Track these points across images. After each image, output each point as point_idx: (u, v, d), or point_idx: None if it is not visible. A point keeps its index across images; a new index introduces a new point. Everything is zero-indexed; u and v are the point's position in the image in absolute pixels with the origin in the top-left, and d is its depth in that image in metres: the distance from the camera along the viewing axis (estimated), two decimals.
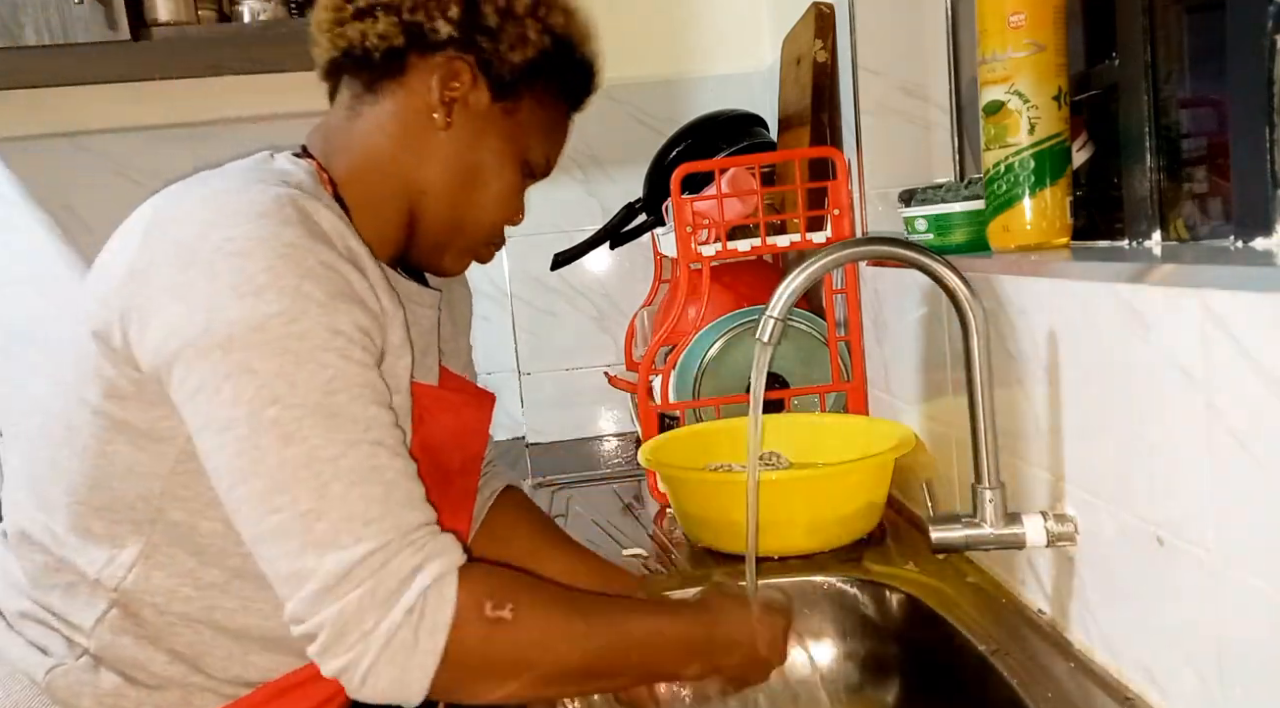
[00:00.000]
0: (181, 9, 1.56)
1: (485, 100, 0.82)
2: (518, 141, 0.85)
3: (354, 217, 0.81)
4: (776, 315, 0.84)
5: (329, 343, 0.68)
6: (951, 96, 1.32)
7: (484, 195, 0.85)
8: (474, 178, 0.84)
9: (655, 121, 1.92)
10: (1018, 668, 0.81)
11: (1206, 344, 0.61)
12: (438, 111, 0.81)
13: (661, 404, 1.43)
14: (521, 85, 0.83)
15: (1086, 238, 1.00)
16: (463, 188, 0.84)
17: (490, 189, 0.85)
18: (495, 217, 0.87)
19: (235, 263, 0.68)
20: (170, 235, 0.71)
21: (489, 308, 2.04)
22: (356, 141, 0.83)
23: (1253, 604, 0.60)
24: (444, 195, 0.84)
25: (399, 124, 0.82)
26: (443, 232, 0.86)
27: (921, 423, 1.16)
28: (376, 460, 0.69)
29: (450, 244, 0.87)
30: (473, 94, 0.82)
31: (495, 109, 0.83)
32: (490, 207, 0.86)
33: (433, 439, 0.86)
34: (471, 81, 0.81)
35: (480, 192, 0.85)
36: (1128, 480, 0.73)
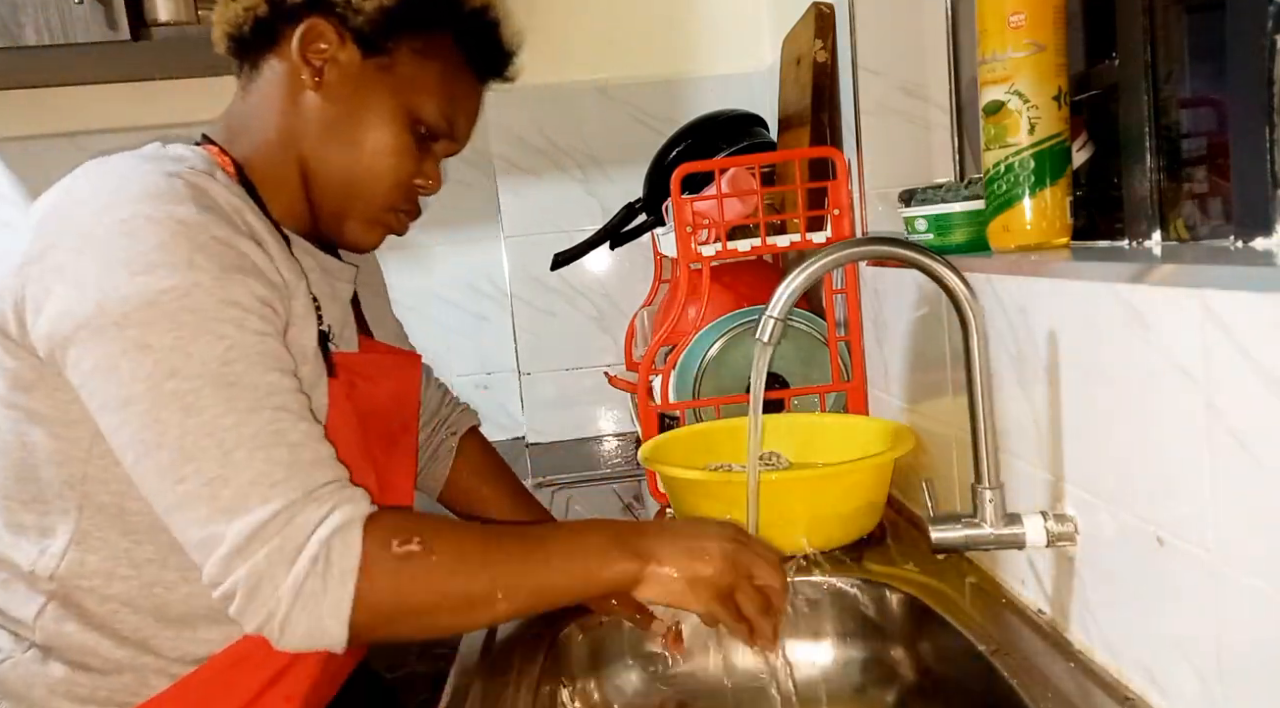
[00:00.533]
0: (181, 9, 1.56)
1: (356, 57, 0.82)
2: (399, 96, 0.83)
3: (262, 195, 0.83)
4: (776, 315, 0.84)
5: (223, 314, 0.69)
6: (951, 96, 1.32)
7: (369, 154, 0.83)
8: (355, 137, 0.83)
9: (655, 121, 1.92)
10: (1018, 668, 0.81)
11: (1206, 344, 0.61)
12: (305, 73, 0.82)
13: (661, 404, 1.43)
14: (389, 38, 0.82)
15: (1086, 238, 1.00)
16: (346, 148, 0.83)
17: (374, 147, 0.83)
18: (387, 177, 0.84)
19: (126, 242, 0.69)
20: (62, 221, 0.72)
21: (489, 308, 2.04)
22: (250, 120, 0.85)
23: (1253, 604, 0.60)
24: (329, 157, 0.83)
25: (279, 92, 0.83)
26: (337, 197, 0.85)
27: (921, 423, 1.16)
28: (279, 425, 0.70)
29: (349, 211, 0.86)
30: (342, 53, 0.82)
31: (368, 66, 0.82)
32: (379, 166, 0.84)
33: (369, 404, 0.88)
34: (338, 40, 0.81)
35: (364, 151, 0.83)
36: (1128, 480, 0.73)
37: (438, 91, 0.85)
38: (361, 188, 0.84)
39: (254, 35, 0.83)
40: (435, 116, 0.85)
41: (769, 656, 0.87)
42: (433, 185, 0.89)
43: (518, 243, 1.97)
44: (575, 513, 1.40)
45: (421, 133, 0.85)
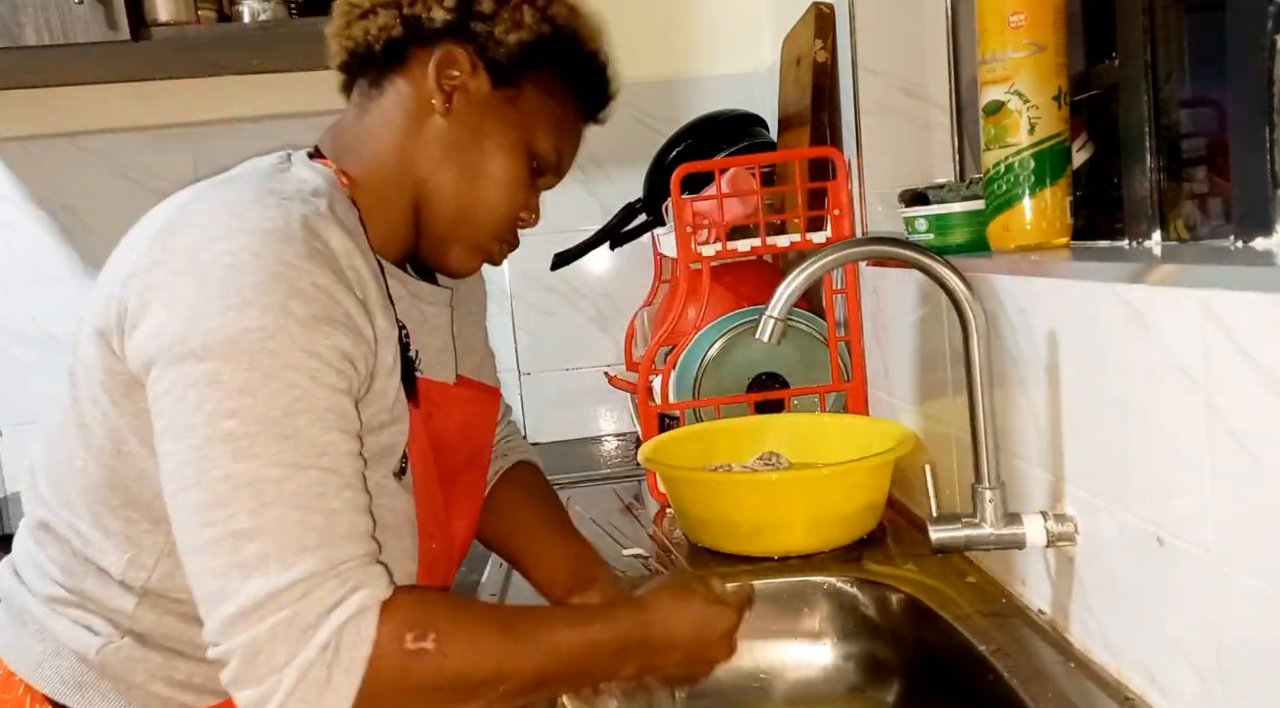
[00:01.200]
0: (181, 9, 1.56)
1: (485, 87, 0.82)
2: (521, 129, 0.83)
3: (365, 217, 0.81)
4: (776, 315, 0.84)
5: (301, 363, 0.67)
6: (951, 96, 1.32)
7: (487, 184, 0.83)
8: (476, 165, 0.83)
9: (655, 121, 1.92)
10: (1018, 668, 0.81)
11: (1206, 344, 0.61)
12: (436, 98, 0.81)
13: (661, 404, 1.43)
14: (520, 71, 0.82)
15: (1086, 238, 1.00)
16: (464, 175, 0.83)
17: (493, 177, 0.83)
18: (500, 207, 0.84)
19: (227, 275, 0.68)
20: (176, 242, 0.71)
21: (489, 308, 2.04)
22: (365, 138, 0.84)
23: (1253, 604, 0.60)
24: (446, 183, 0.83)
25: (402, 114, 0.82)
26: (447, 224, 0.84)
27: (921, 423, 1.16)
28: (324, 488, 0.67)
29: (456, 238, 0.85)
30: (472, 81, 0.81)
31: (496, 96, 0.82)
32: (494, 196, 0.84)
33: (440, 436, 0.87)
34: (470, 68, 0.81)
35: (483, 180, 0.83)
36: (1128, 480, 0.73)
37: (554, 127, 0.86)
38: (474, 215, 0.84)
39: (383, 54, 0.82)
40: (549, 151, 0.86)
41: None
42: (534, 219, 0.89)
43: None
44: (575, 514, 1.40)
45: (534, 166, 0.86)
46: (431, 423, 0.85)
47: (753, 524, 1.11)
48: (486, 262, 0.89)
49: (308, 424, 0.67)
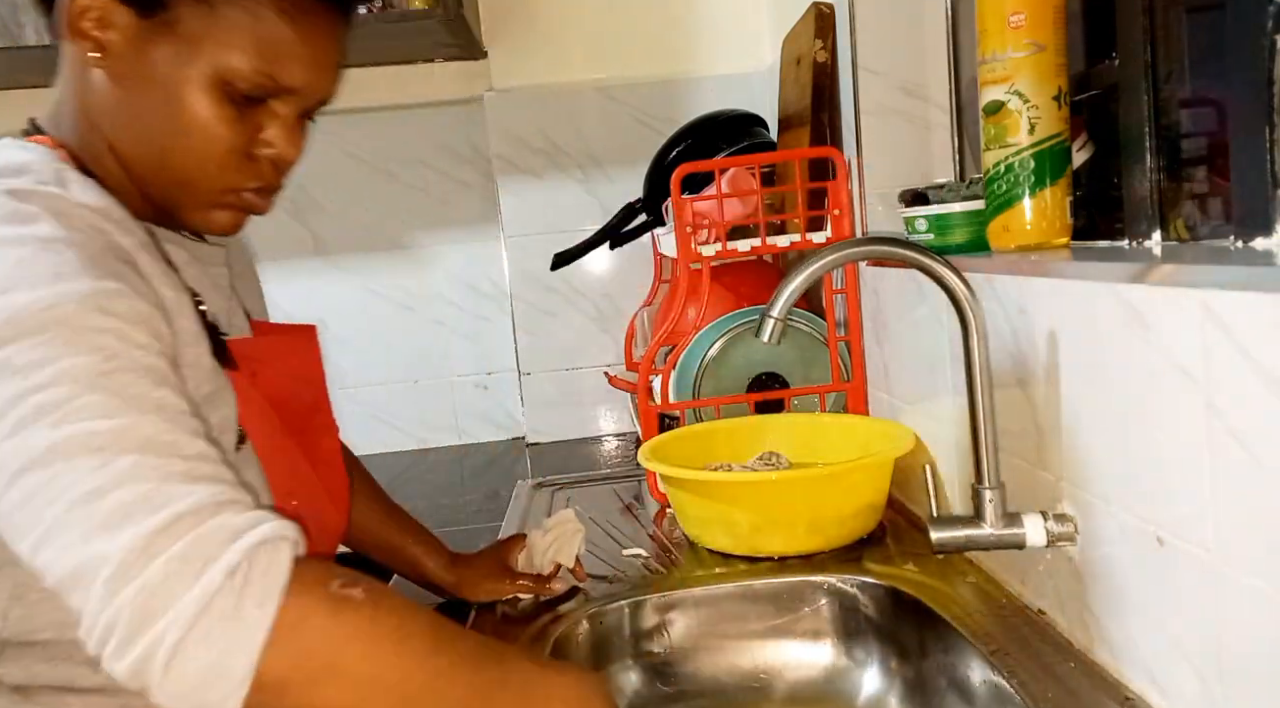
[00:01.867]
0: None
1: (131, 19, 0.69)
2: (194, 59, 0.69)
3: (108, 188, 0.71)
4: (776, 315, 0.84)
5: (102, 324, 0.58)
6: (951, 96, 1.32)
7: (178, 133, 0.70)
8: (157, 115, 0.70)
9: (655, 121, 1.92)
10: (1018, 668, 0.81)
11: (1206, 344, 0.61)
12: (83, 46, 0.69)
13: (661, 404, 1.43)
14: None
15: (1086, 238, 1.00)
16: (150, 130, 0.71)
17: (181, 124, 0.70)
18: (208, 155, 0.71)
19: None
20: None
21: (489, 308, 2.04)
22: (61, 106, 0.74)
23: (1253, 604, 0.60)
24: (135, 142, 0.71)
25: (70, 73, 0.72)
26: (160, 186, 0.73)
27: (921, 423, 1.16)
28: (172, 435, 0.56)
29: (179, 199, 0.73)
30: (112, 17, 0.69)
31: (147, 27, 0.69)
32: (193, 145, 0.70)
33: (274, 388, 0.79)
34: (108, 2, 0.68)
35: (172, 130, 0.70)
36: (1128, 480, 0.73)
37: (245, 43, 0.69)
38: (182, 172, 0.72)
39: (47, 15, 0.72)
40: (249, 75, 0.70)
41: None
42: (281, 151, 0.73)
43: (518, 243, 1.97)
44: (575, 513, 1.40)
45: (240, 94, 0.70)
46: (260, 380, 0.77)
47: (753, 524, 1.11)
48: (247, 213, 0.77)
49: (132, 381, 0.57)
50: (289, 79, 0.72)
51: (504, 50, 1.92)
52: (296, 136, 0.74)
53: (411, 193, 2.00)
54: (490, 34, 1.91)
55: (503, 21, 1.92)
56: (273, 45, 0.70)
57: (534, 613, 1.03)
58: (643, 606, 1.05)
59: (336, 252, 2.00)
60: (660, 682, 1.03)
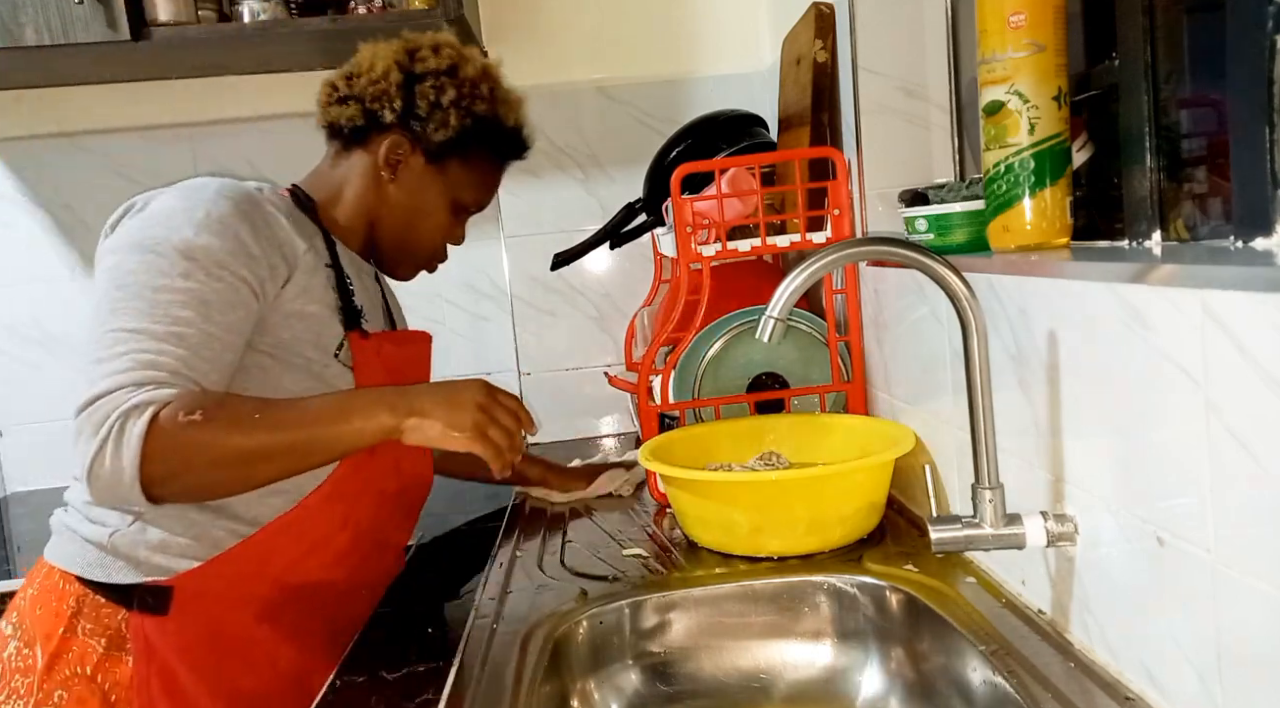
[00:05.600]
0: (181, 9, 1.56)
1: (420, 163, 1.18)
2: (448, 191, 1.20)
3: (334, 233, 1.17)
4: (776, 315, 0.84)
5: (175, 263, 0.96)
6: (951, 96, 1.32)
7: (420, 230, 1.21)
8: (412, 217, 1.20)
9: (655, 121, 1.92)
10: (1018, 668, 0.81)
11: (1206, 344, 0.61)
12: (385, 171, 1.17)
13: (661, 404, 1.43)
14: (447, 153, 1.18)
15: (1086, 238, 1.00)
16: (404, 223, 1.20)
17: (425, 224, 1.21)
18: (431, 244, 1.23)
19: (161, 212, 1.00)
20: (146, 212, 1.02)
21: (489, 308, 2.04)
22: (335, 185, 1.19)
23: (1253, 604, 0.60)
24: (392, 228, 1.20)
25: (361, 176, 1.19)
26: (393, 253, 1.23)
27: (921, 423, 1.16)
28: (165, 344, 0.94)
29: (400, 261, 1.24)
30: (411, 158, 1.17)
31: (429, 169, 1.18)
32: (426, 236, 1.22)
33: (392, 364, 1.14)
34: (410, 150, 1.17)
35: (417, 227, 1.21)
36: (1128, 480, 0.73)
37: (475, 185, 1.22)
38: (412, 248, 1.23)
39: (350, 134, 1.17)
40: (470, 201, 1.23)
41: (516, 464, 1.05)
42: (459, 242, 1.27)
43: (518, 243, 1.97)
44: (575, 513, 1.40)
45: (459, 211, 1.23)
46: (384, 354, 1.13)
47: (753, 524, 1.11)
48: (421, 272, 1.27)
49: (168, 301, 0.95)
50: (484, 204, 1.26)
51: (504, 50, 1.92)
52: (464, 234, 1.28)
53: None
54: (490, 34, 1.91)
55: (503, 21, 1.92)
56: (485, 187, 1.25)
57: (534, 613, 1.03)
58: (643, 606, 1.05)
59: None
60: (660, 682, 1.03)
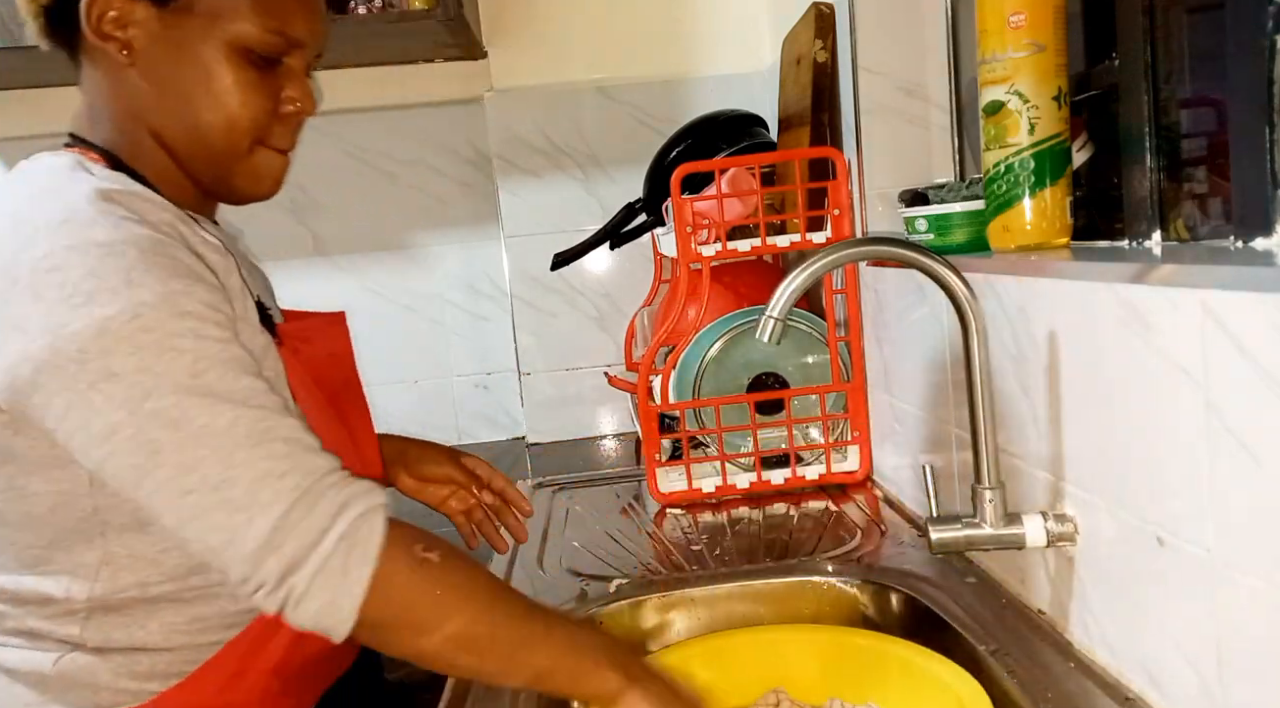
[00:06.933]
0: None
1: (151, 13, 0.77)
2: (211, 36, 0.78)
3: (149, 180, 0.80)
4: (776, 315, 0.84)
5: (178, 327, 0.68)
6: (951, 96, 1.32)
7: (213, 105, 0.79)
8: (192, 94, 0.79)
9: (655, 121, 1.92)
10: (1018, 668, 0.81)
11: (1206, 344, 0.61)
12: (112, 50, 0.78)
13: (661, 404, 1.43)
14: None
15: (1086, 238, 1.00)
16: (190, 109, 0.79)
17: (213, 95, 0.78)
18: (241, 117, 0.80)
19: (55, 278, 0.67)
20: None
21: (489, 308, 2.04)
22: (95, 113, 0.82)
23: (1253, 604, 0.60)
24: (181, 127, 0.80)
25: (105, 81, 0.80)
26: (208, 160, 0.81)
27: (921, 423, 1.16)
28: (267, 422, 0.69)
29: (226, 167, 0.82)
30: (131, 11, 0.77)
31: (166, 15, 0.77)
32: (227, 111, 0.79)
33: (313, 364, 0.87)
34: (127, 3, 0.77)
35: (207, 103, 0.79)
36: (1128, 480, 0.73)
37: (249, 6, 0.78)
38: (222, 141, 0.80)
39: (56, 27, 0.80)
40: (261, 35, 0.78)
41: None
42: (303, 104, 0.83)
43: (518, 243, 1.97)
44: (575, 514, 1.40)
45: (257, 59, 0.79)
46: (301, 357, 0.85)
47: None
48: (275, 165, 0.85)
49: (218, 378, 0.69)
50: (296, 32, 0.80)
51: (504, 50, 1.92)
52: (310, 90, 0.83)
53: (411, 193, 2.00)
54: (490, 34, 1.91)
55: (503, 21, 1.92)
56: (276, 3, 0.79)
57: None
58: (643, 606, 1.05)
59: (336, 252, 2.00)
60: None
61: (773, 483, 1.38)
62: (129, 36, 0.77)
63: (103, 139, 0.81)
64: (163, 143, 0.81)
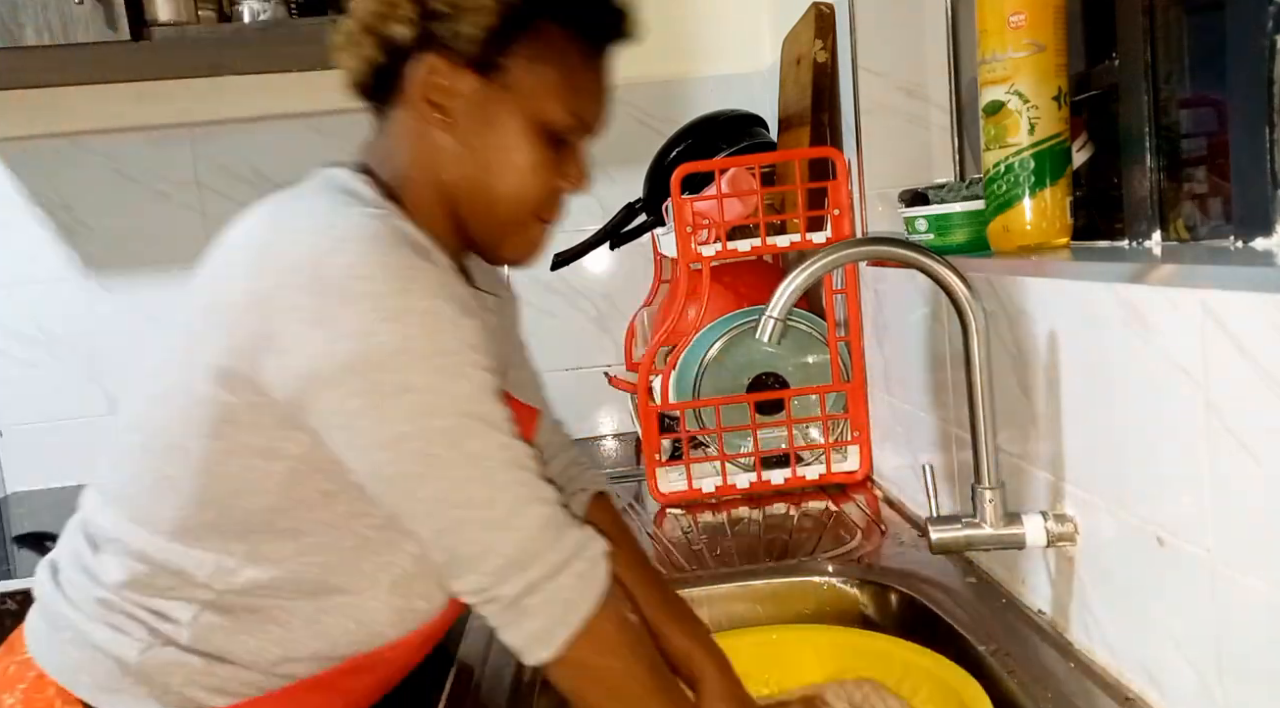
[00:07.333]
0: (181, 9, 1.56)
1: (471, 83, 0.81)
2: (523, 110, 0.81)
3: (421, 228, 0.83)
4: (776, 315, 0.84)
5: (467, 357, 0.74)
6: (951, 96, 1.32)
7: (506, 174, 0.83)
8: (491, 160, 0.83)
9: (655, 121, 1.92)
10: (1018, 668, 0.81)
11: (1206, 344, 0.61)
12: (430, 111, 0.81)
13: (661, 404, 1.43)
14: (500, 53, 0.80)
15: (1086, 238, 1.00)
16: (487, 176, 0.83)
17: (510, 166, 0.83)
18: (527, 192, 0.84)
19: (366, 287, 0.71)
20: (286, 262, 0.73)
21: None
22: (389, 158, 0.85)
23: (1253, 604, 0.60)
24: (474, 189, 0.83)
25: (411, 131, 0.83)
26: (488, 224, 0.85)
27: (922, 423, 1.16)
28: (516, 450, 0.76)
29: (502, 233, 0.86)
30: (457, 83, 0.81)
31: (487, 87, 0.81)
32: (517, 183, 0.83)
33: None
34: (450, 70, 0.80)
35: (502, 172, 0.83)
36: (1128, 480, 0.73)
37: (560, 90, 0.82)
38: (507, 209, 0.84)
39: (378, 82, 0.84)
40: (563, 117, 0.83)
41: None
42: (576, 184, 0.87)
43: None
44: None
45: (555, 138, 0.83)
46: None
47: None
48: (541, 236, 0.89)
49: (491, 407, 0.75)
50: (590, 118, 0.85)
51: None
52: (587, 170, 0.88)
53: None
54: None
55: None
56: (578, 90, 0.83)
57: None
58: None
59: None
60: None
61: (773, 483, 1.38)
62: (451, 105, 0.81)
63: (389, 176, 0.85)
64: (449, 200, 0.85)
